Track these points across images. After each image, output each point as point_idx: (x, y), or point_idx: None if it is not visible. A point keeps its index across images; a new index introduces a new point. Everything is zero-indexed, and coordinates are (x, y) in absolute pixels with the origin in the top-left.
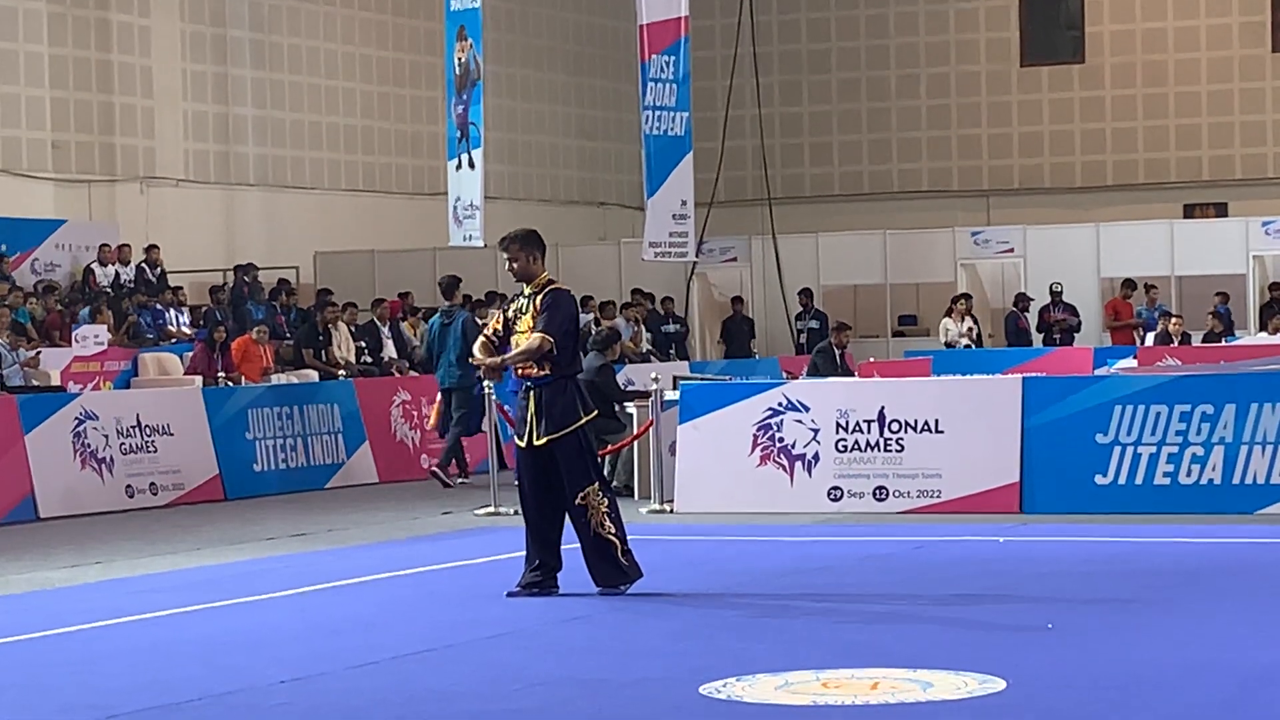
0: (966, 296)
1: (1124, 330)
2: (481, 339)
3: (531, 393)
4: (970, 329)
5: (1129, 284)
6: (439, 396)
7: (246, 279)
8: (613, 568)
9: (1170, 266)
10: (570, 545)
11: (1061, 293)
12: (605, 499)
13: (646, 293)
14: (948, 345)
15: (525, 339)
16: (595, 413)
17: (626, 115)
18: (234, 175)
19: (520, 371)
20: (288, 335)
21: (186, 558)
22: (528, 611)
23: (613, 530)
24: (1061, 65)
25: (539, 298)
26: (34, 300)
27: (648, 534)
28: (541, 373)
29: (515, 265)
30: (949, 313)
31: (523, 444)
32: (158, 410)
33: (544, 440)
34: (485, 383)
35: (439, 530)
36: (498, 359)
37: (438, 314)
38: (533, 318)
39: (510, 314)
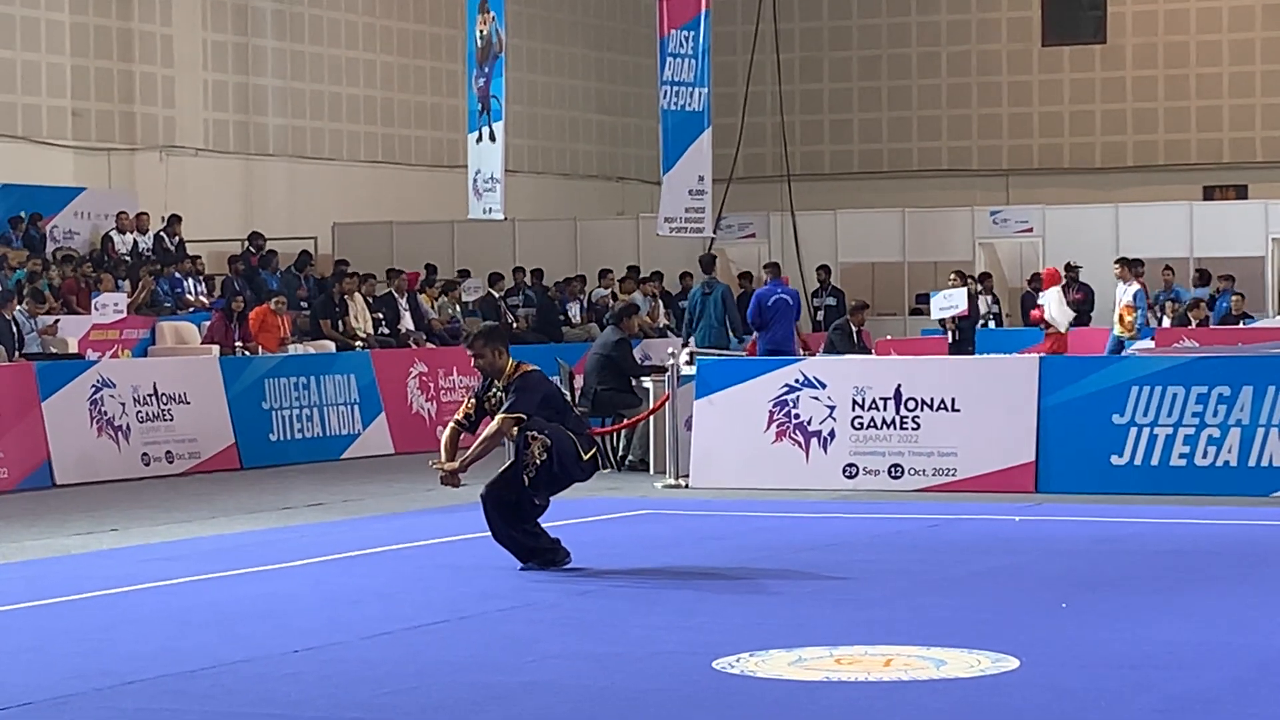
0: (986, 275)
1: None
2: (451, 424)
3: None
4: (991, 310)
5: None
6: None
7: (252, 249)
8: (529, 473)
9: (1189, 248)
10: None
11: (1078, 273)
12: (544, 455)
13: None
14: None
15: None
16: (593, 456)
17: (647, 90)
18: (253, 145)
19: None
20: (306, 306)
21: (201, 526)
22: (541, 584)
23: (536, 463)
24: (1083, 45)
25: (510, 388)
26: (53, 269)
27: (663, 509)
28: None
29: (482, 362)
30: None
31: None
32: (175, 379)
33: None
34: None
35: (454, 502)
36: (456, 463)
37: (699, 285)
38: None
39: (489, 407)
